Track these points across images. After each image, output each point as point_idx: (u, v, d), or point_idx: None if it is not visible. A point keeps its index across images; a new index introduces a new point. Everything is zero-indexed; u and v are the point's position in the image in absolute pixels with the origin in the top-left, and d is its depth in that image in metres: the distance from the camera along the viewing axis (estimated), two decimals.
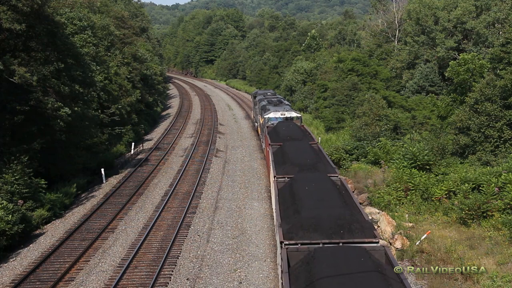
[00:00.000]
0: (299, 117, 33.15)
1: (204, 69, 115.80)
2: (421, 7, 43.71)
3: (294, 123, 29.78)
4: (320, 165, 18.86)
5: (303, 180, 16.06)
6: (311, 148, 22.07)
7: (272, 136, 25.80)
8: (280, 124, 28.95)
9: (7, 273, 16.44)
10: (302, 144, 22.62)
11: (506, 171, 20.15)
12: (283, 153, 21.12)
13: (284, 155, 20.73)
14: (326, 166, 19.10)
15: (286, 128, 26.96)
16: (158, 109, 56.74)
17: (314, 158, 19.79)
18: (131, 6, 75.01)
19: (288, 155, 20.34)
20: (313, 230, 12.22)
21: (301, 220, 12.79)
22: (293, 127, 27.39)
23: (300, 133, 26.33)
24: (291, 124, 28.48)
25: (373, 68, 44.79)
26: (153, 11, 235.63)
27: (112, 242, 18.85)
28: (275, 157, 21.10)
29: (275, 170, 18.70)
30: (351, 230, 12.22)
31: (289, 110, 33.39)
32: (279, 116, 32.00)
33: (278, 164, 19.74)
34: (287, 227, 12.71)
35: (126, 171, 29.33)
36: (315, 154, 20.76)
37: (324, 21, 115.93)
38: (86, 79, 25.68)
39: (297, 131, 26.69)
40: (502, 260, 15.55)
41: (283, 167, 19.01)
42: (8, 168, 19.93)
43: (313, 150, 21.55)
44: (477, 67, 32.20)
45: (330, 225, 12.33)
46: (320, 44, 68.31)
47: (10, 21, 19.78)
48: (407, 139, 31.68)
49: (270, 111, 32.92)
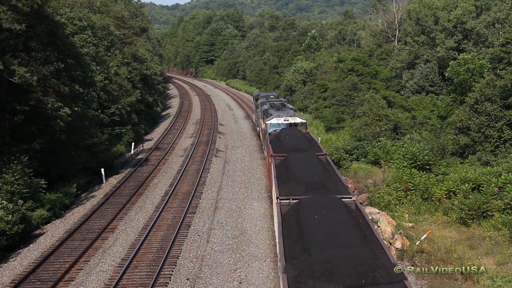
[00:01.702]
0: (304, 123, 31.11)
1: (204, 69, 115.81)
2: (421, 7, 43.70)
3: (298, 130, 27.77)
4: (330, 184, 16.94)
5: (311, 205, 14.12)
6: (318, 161, 19.92)
7: (275, 145, 23.96)
8: (284, 131, 26.99)
9: (7, 273, 16.44)
10: (308, 156, 20.45)
11: (506, 171, 20.14)
12: (287, 168, 19.06)
13: (288, 170, 18.72)
14: (337, 184, 17.10)
15: (290, 136, 25.04)
16: (158, 109, 56.76)
17: (322, 174, 17.77)
18: (131, 6, 75.08)
19: (293, 170, 18.32)
20: (327, 279, 10.16)
21: (311, 263, 10.79)
22: (297, 135, 25.49)
23: (306, 142, 24.28)
24: (295, 132, 26.54)
25: (373, 68, 44.79)
26: (153, 11, 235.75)
27: (112, 242, 18.85)
28: (278, 171, 19.10)
29: (278, 189, 16.65)
30: (375, 281, 10.15)
31: (293, 115, 31.41)
32: (282, 122, 30.05)
33: (281, 181, 17.65)
34: (293, 274, 10.69)
35: (126, 171, 29.34)
36: (324, 169, 18.75)
37: (324, 21, 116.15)
38: (86, 79, 25.69)
39: (302, 139, 24.64)
40: (502, 260, 15.54)
41: (287, 185, 17.05)
42: (8, 168, 19.95)
43: (321, 164, 19.49)
44: (477, 67, 32.19)
45: (349, 272, 10.25)
46: (320, 44, 68.35)
47: (10, 21, 19.79)
48: (407, 139, 31.66)
49: (273, 116, 30.90)
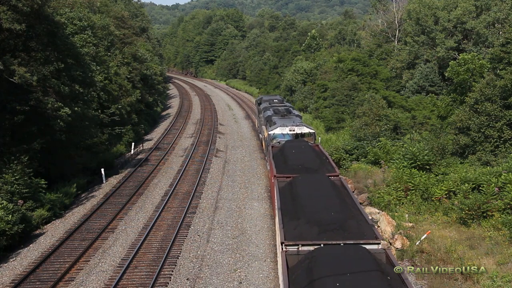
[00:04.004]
0: (313, 133, 27.43)
1: (204, 69, 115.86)
2: (421, 7, 43.70)
3: (306, 142, 24.31)
4: (351, 223, 12.90)
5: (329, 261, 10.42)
6: (333, 187, 16.02)
7: (279, 162, 20.28)
8: (289, 144, 23.38)
9: (7, 273, 16.44)
10: (320, 180, 16.66)
11: (506, 171, 20.13)
12: (294, 196, 15.32)
13: (295, 200, 14.99)
14: (359, 223, 13.13)
15: (296, 151, 21.51)
16: (158, 109, 56.77)
17: (340, 208, 13.79)
18: (131, 6, 75.09)
19: (302, 201, 14.56)
20: None
21: None
22: (305, 149, 22.02)
23: (316, 159, 20.45)
24: (303, 145, 23.01)
25: (373, 68, 44.79)
26: (153, 11, 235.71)
27: (112, 242, 18.85)
28: (283, 201, 15.37)
29: (284, 229, 12.81)
30: None
31: (300, 124, 27.74)
32: (288, 133, 26.66)
33: (287, 216, 13.85)
34: None
35: (126, 171, 29.34)
36: (341, 200, 14.73)
37: (324, 21, 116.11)
38: (86, 79, 25.71)
39: (311, 155, 21.04)
40: (502, 260, 15.54)
41: (295, 224, 13.19)
42: (8, 168, 19.95)
43: (336, 192, 15.63)
44: (477, 67, 32.17)
45: None
46: (320, 44, 68.36)
47: (10, 21, 19.79)
48: (407, 139, 31.64)
49: (276, 125, 27.42)
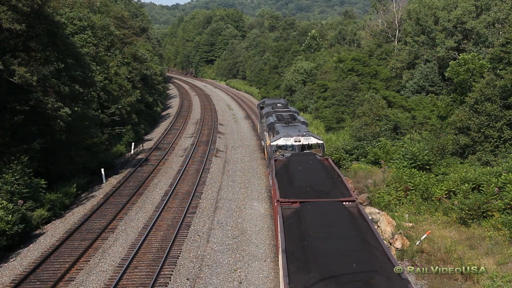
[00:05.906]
0: (321, 144, 23.66)
1: (204, 69, 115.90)
2: (421, 7, 43.71)
3: (314, 156, 20.80)
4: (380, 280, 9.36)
5: None
6: (351, 221, 12.56)
7: (283, 182, 16.88)
8: (295, 159, 19.86)
9: (7, 273, 16.45)
10: (334, 210, 13.31)
11: (506, 171, 20.10)
12: (302, 233, 12.03)
13: (304, 240, 11.57)
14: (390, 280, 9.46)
15: (304, 168, 18.15)
16: (158, 109, 56.76)
17: (362, 252, 10.54)
18: (131, 6, 75.20)
19: (312, 242, 11.23)
20: None
21: None
22: (314, 166, 18.51)
23: (326, 179, 16.78)
24: (310, 159, 19.54)
25: (373, 68, 44.80)
26: (153, 11, 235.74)
27: (112, 242, 18.85)
28: (289, 240, 12.00)
29: (289, 277, 9.96)
30: None
31: (306, 134, 24.05)
32: (293, 144, 23.29)
33: (294, 263, 10.66)
34: None
35: (126, 171, 29.35)
36: (362, 240, 11.31)
37: (324, 21, 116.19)
38: (86, 79, 25.70)
39: (321, 174, 17.43)
40: (502, 260, 15.52)
41: (305, 278, 9.77)
42: (8, 168, 19.96)
43: (355, 227, 12.15)
44: (477, 67, 32.15)
45: None
46: (320, 44, 68.41)
47: (10, 21, 19.81)
48: (407, 139, 31.65)
49: (280, 134, 24.03)
